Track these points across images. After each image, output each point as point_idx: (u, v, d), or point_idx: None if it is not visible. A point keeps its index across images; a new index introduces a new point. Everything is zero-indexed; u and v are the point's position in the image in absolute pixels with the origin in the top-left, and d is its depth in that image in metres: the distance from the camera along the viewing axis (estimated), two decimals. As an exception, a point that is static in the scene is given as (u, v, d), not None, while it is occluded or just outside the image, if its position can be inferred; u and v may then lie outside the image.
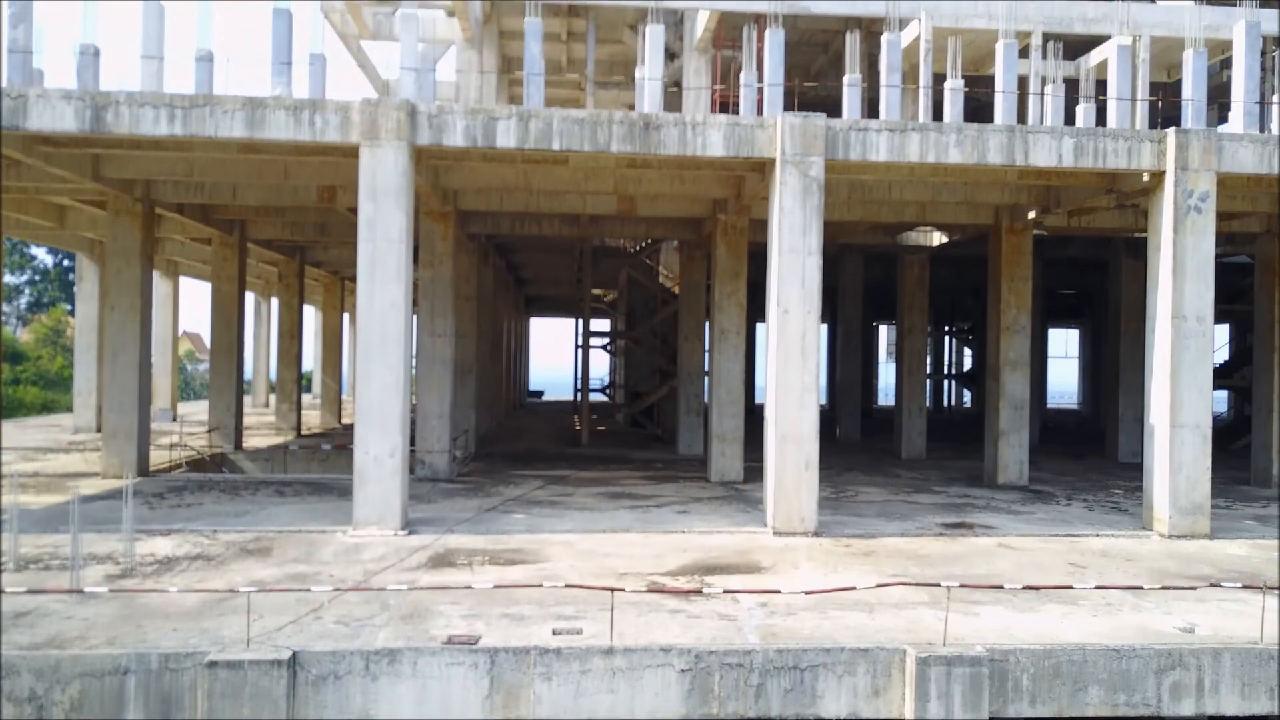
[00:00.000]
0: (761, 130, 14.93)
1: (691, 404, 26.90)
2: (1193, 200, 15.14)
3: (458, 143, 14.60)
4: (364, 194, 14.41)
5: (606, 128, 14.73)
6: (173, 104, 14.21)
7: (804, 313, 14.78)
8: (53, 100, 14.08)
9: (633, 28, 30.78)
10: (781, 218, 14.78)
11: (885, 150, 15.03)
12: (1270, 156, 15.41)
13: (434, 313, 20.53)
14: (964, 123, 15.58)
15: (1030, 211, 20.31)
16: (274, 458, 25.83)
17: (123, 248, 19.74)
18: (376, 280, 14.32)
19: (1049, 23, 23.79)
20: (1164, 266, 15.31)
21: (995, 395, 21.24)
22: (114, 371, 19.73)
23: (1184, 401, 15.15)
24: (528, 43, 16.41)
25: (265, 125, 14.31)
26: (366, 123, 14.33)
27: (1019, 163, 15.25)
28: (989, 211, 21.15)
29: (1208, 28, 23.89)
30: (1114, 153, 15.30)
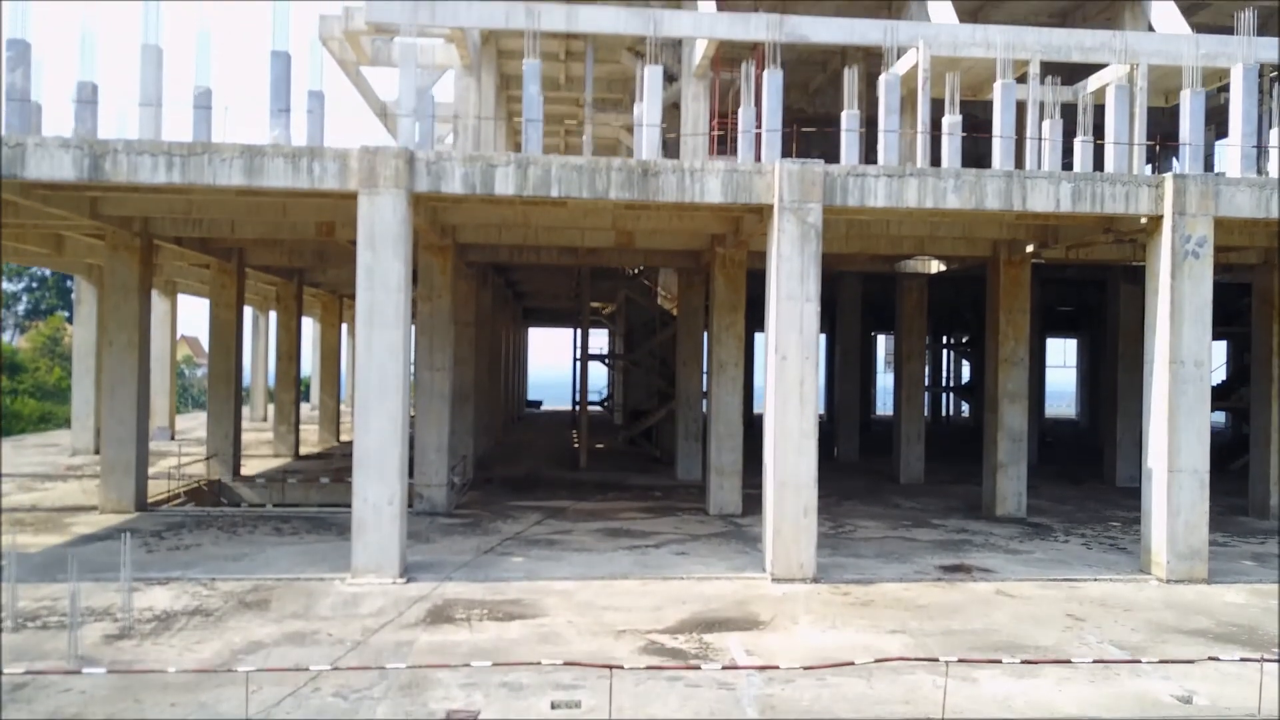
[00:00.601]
0: (759, 177, 14.94)
1: (690, 429, 26.92)
2: (1190, 245, 15.16)
3: (456, 190, 14.60)
4: (362, 242, 14.40)
5: (605, 174, 14.74)
6: (171, 152, 14.21)
7: (802, 359, 14.78)
8: (51, 149, 14.07)
9: (630, 49, 30.82)
10: (779, 264, 14.78)
11: (883, 196, 15.04)
12: (1268, 200, 15.43)
13: (432, 347, 20.52)
14: (962, 168, 15.59)
15: (1028, 246, 20.34)
16: (272, 485, 25.80)
17: (121, 282, 19.73)
18: (375, 328, 14.31)
19: (1046, 51, 23.76)
20: (1162, 311, 15.32)
21: (993, 427, 21.26)
22: (112, 406, 19.72)
23: (1182, 446, 15.17)
24: (526, 85, 16.41)
25: (264, 173, 14.31)
26: (365, 170, 14.33)
27: (1016, 208, 15.26)
28: (987, 245, 21.18)
29: (1204, 56, 23.89)
30: (1111, 197, 15.31)
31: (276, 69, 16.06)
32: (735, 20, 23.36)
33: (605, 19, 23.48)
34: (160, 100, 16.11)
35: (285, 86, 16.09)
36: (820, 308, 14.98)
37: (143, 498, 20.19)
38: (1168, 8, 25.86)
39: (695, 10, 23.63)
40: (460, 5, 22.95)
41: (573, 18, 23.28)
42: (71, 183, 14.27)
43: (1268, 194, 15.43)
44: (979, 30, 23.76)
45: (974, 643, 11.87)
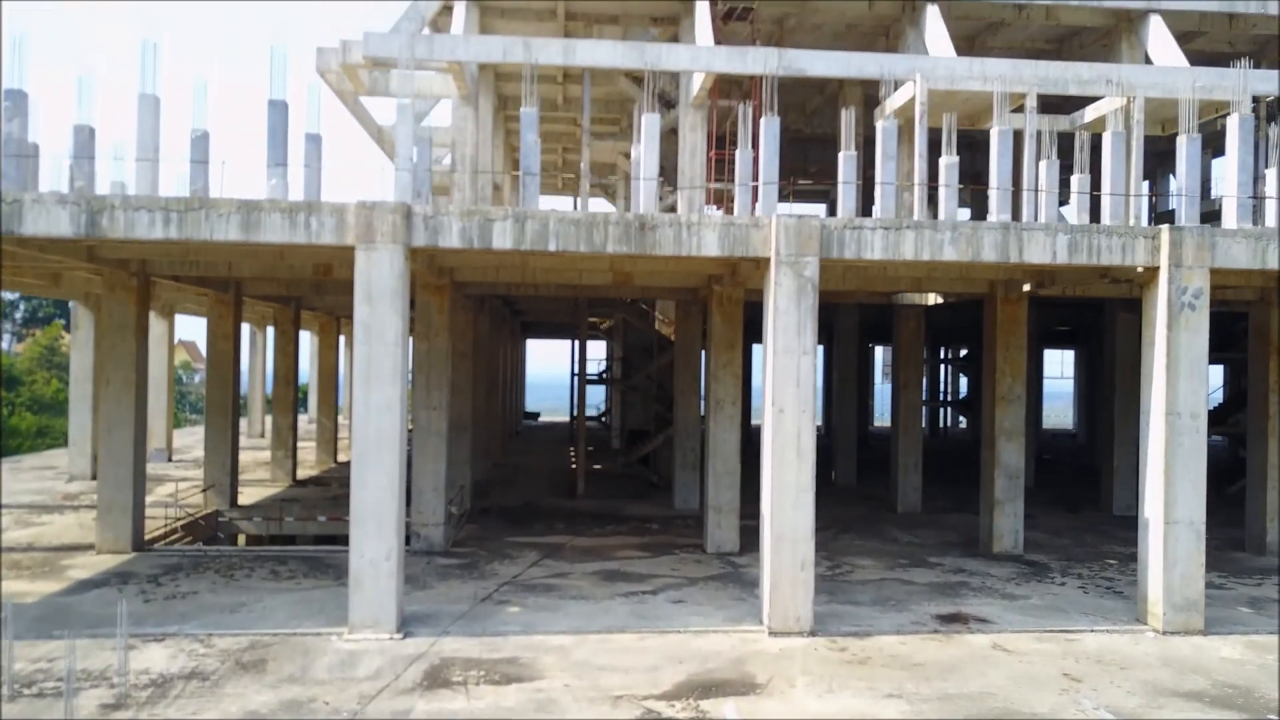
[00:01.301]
0: (756, 230, 14.96)
1: (687, 458, 26.94)
2: (1186, 297, 15.19)
3: (454, 244, 14.61)
4: (359, 297, 14.41)
5: (602, 229, 14.75)
6: (168, 208, 14.21)
7: (799, 412, 14.80)
8: (48, 205, 14.07)
9: (628, 75, 30.81)
10: (776, 318, 14.80)
11: (880, 249, 15.06)
12: (1263, 251, 15.47)
13: (429, 385, 20.52)
14: (958, 220, 15.62)
15: (1025, 285, 20.37)
16: (269, 516, 25.79)
17: (118, 322, 19.72)
18: (372, 384, 14.31)
19: (1043, 84, 23.77)
20: (1158, 363, 15.35)
21: (990, 465, 21.29)
22: (109, 447, 19.71)
23: (1178, 497, 15.20)
24: (524, 133, 16.42)
25: (261, 228, 14.32)
26: (362, 225, 14.33)
27: (1013, 260, 15.28)
28: (984, 283, 21.23)
29: (1201, 89, 23.95)
30: (1108, 249, 15.34)
31: (274, 118, 16.07)
32: (733, 54, 23.38)
33: (602, 53, 23.51)
34: (157, 148, 16.12)
35: (282, 135, 16.09)
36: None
37: (139, 537, 20.17)
38: (1164, 37, 25.92)
39: (693, 45, 23.65)
40: (458, 40, 22.99)
41: (570, 52, 23.30)
42: (69, 238, 14.26)
43: (1263, 244, 15.46)
44: (976, 64, 23.78)
45: (970, 709, 11.88)
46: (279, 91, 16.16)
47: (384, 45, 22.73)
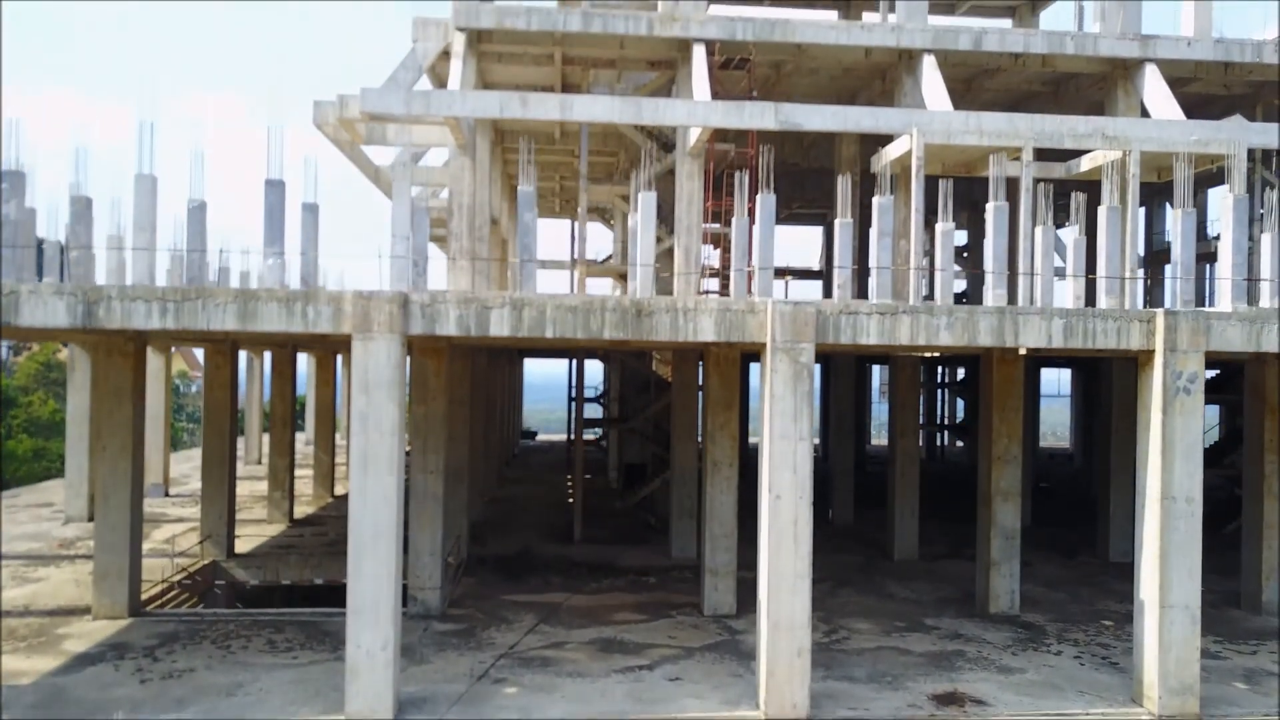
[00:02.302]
0: (752, 316, 14.99)
1: (684, 506, 26.95)
2: (1181, 382, 15.24)
3: (451, 332, 14.64)
4: (357, 386, 14.42)
5: (599, 315, 14.78)
6: (165, 298, 14.21)
7: (796, 498, 14.83)
8: (45, 297, 14.07)
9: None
10: (772, 403, 14.83)
11: (875, 334, 15.10)
12: (1258, 334, 15.52)
13: (426, 449, 20.54)
14: (954, 305, 15.63)
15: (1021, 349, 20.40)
16: (267, 565, 25.81)
17: (114, 387, 19.72)
18: (369, 474, 14.33)
19: (1039, 138, 23.85)
20: (1153, 446, 15.39)
21: (986, 525, 21.33)
22: (105, 513, 19.70)
23: (1173, 582, 15.24)
24: (521, 213, 16.45)
25: (258, 318, 14.33)
26: (359, 315, 14.35)
27: (1009, 344, 15.34)
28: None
29: (1197, 142, 24.07)
30: (1103, 333, 15.39)
31: (270, 198, 16.08)
32: (729, 109, 23.44)
33: (599, 109, 23.57)
34: (154, 226, 16.15)
35: (279, 215, 16.11)
36: (813, 451, 15.05)
37: (136, 601, 20.16)
38: (1159, 87, 26.01)
39: (689, 100, 23.69)
40: (454, 96, 23.02)
41: (567, 107, 23.34)
42: (65, 329, 14.27)
43: (1258, 327, 15.51)
44: (972, 118, 23.87)
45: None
46: (276, 170, 16.19)
47: (381, 102, 22.77)
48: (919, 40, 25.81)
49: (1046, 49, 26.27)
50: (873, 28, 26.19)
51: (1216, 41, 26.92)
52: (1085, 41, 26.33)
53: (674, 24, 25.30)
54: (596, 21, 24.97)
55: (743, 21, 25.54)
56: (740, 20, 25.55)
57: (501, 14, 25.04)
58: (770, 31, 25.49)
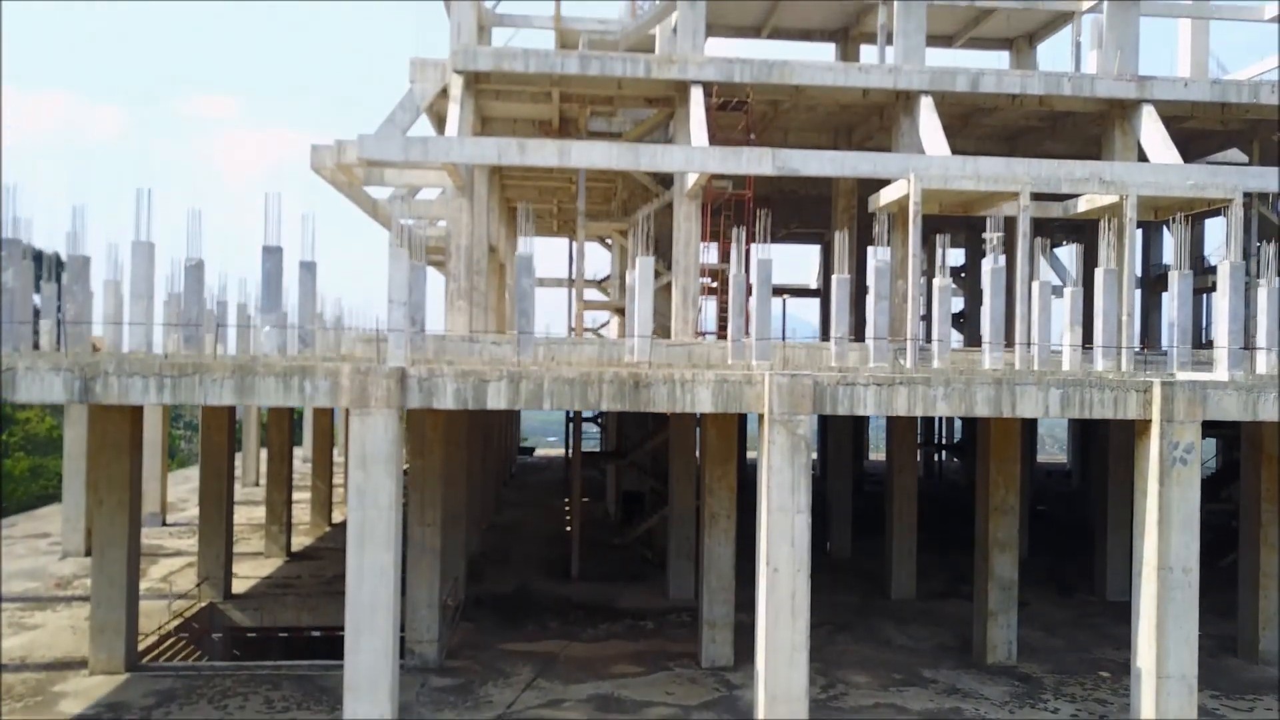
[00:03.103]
0: (749, 387, 15.00)
1: (682, 547, 26.94)
2: (1178, 452, 15.26)
3: (448, 405, 14.64)
4: (353, 461, 14.42)
5: (597, 387, 14.78)
6: (162, 372, 14.21)
7: (794, 571, 14.84)
8: (41, 372, 14.06)
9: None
10: (770, 475, 14.84)
11: (872, 404, 15.12)
12: (1254, 403, 15.55)
13: (424, 503, 20.54)
14: (951, 374, 15.64)
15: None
16: (264, 607, 25.80)
17: (112, 441, 19.70)
18: (366, 548, 14.33)
19: (1036, 183, 23.92)
20: (1150, 517, 15.42)
21: (984, 576, 21.35)
22: (102, 566, 19.67)
23: (1170, 652, 15.27)
24: (519, 278, 16.45)
25: (255, 392, 14.32)
26: (356, 391, 14.35)
27: (1006, 414, 15.37)
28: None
29: (1194, 187, 24.13)
30: (1100, 403, 15.41)
31: (268, 264, 16.08)
32: (727, 154, 23.49)
33: (597, 155, 23.60)
34: (151, 294, 16.15)
35: (277, 281, 16.12)
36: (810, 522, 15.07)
37: (133, 655, 20.13)
38: (1156, 128, 26.06)
39: (687, 146, 23.71)
40: (452, 142, 23.07)
41: (564, 153, 23.38)
42: (62, 404, 14.25)
43: (1254, 397, 15.54)
44: (969, 163, 23.96)
45: None
46: (273, 237, 16.17)
47: (379, 148, 22.81)
48: (916, 82, 25.85)
49: (1043, 90, 26.31)
50: (870, 69, 26.22)
51: (1213, 83, 26.98)
52: (1082, 83, 26.37)
53: (671, 66, 25.34)
54: (594, 64, 24.99)
55: (740, 63, 25.57)
56: (738, 62, 25.58)
57: (499, 57, 25.06)
58: (768, 73, 25.51)
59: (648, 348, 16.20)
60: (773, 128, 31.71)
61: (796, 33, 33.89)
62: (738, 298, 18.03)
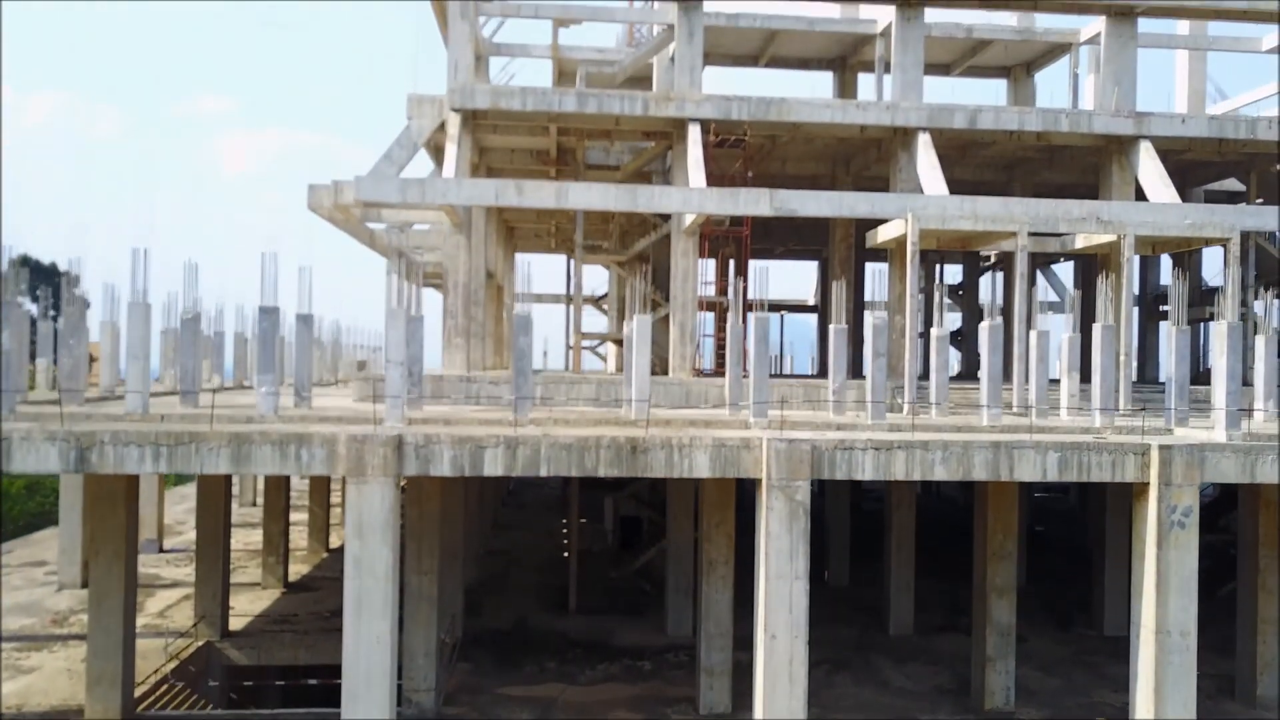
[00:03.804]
0: (747, 451, 14.98)
1: (680, 583, 26.91)
2: (1176, 515, 15.26)
3: (445, 473, 14.62)
4: (350, 530, 14.39)
5: (594, 452, 14.76)
6: (158, 442, 14.17)
7: (792, 638, 14.82)
8: (36, 443, 14.02)
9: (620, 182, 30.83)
10: (768, 542, 14.82)
11: (871, 469, 15.11)
12: (1252, 465, 15.55)
13: (421, 552, 20.50)
14: (948, 439, 15.62)
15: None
16: (261, 645, 25.75)
17: (108, 492, 19.62)
18: (363, 618, 14.30)
19: (1034, 222, 23.92)
20: (1148, 580, 15.42)
21: (982, 622, 21.34)
22: (98, 617, 19.62)
23: (1169, 716, 15.25)
24: (516, 337, 16.42)
25: (251, 460, 14.29)
26: (352, 459, 14.31)
27: (1004, 478, 15.36)
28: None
29: (1191, 226, 24.13)
30: (1098, 466, 15.41)
31: (264, 325, 16.06)
32: (725, 196, 23.48)
33: (594, 196, 23.61)
34: (148, 354, 16.11)
35: (273, 341, 16.09)
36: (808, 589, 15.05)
37: (129, 704, 20.08)
38: (1154, 165, 26.07)
39: (685, 187, 23.70)
40: (450, 184, 23.04)
41: (562, 195, 23.40)
42: (57, 474, 14.21)
43: (1252, 459, 15.54)
44: (967, 202, 23.95)
45: None
46: (269, 297, 16.15)
47: (375, 190, 22.79)
48: (914, 119, 25.86)
49: (1041, 126, 26.33)
50: (867, 106, 26.22)
51: (1211, 119, 27.00)
52: (1080, 119, 26.39)
53: (669, 104, 25.34)
54: (591, 102, 24.99)
55: (738, 101, 25.57)
56: (736, 100, 25.58)
57: (497, 95, 25.07)
58: (765, 111, 25.52)
59: (646, 409, 16.17)
60: (771, 158, 31.73)
61: (794, 61, 33.92)
62: (735, 347, 17.99)
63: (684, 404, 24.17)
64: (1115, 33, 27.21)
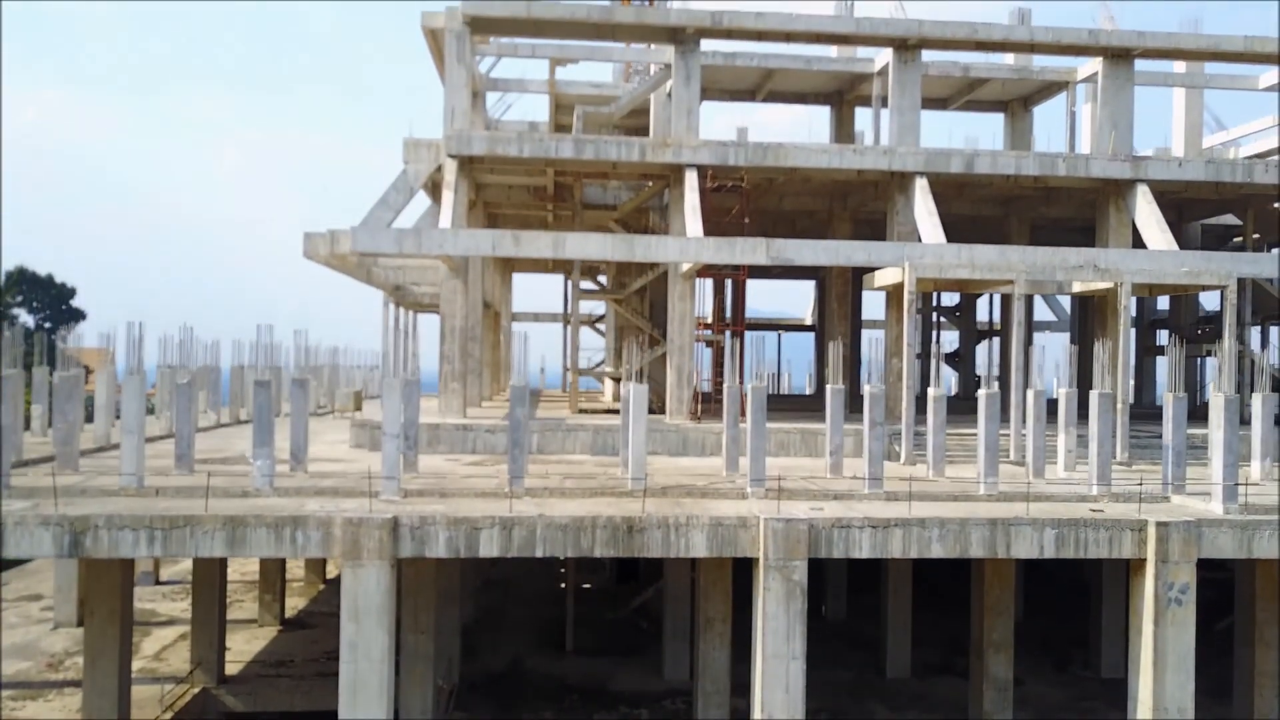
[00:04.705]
0: (744, 530, 14.95)
1: (678, 627, 26.84)
2: (1173, 593, 15.24)
3: (440, 554, 14.58)
4: (346, 614, 14.35)
5: (590, 532, 14.73)
6: (153, 525, 14.12)
7: (787, 717, 14.78)
8: (30, 527, 13.97)
9: (616, 220, 30.83)
10: (765, 622, 14.79)
11: (868, 547, 15.08)
12: (1249, 540, 15.53)
13: (417, 609, 20.46)
14: (945, 519, 15.58)
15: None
16: (258, 691, 25.68)
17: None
18: (359, 702, 14.25)
19: (1031, 270, 23.94)
20: (1145, 657, 15.41)
21: (979, 678, 21.32)
22: (94, 678, 19.60)
23: (1165, 793, 15.26)
24: (513, 409, 16.37)
25: (246, 544, 14.24)
26: (348, 542, 14.27)
27: (1001, 555, 15.34)
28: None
29: (1188, 273, 24.13)
30: (1095, 543, 15.39)
31: (260, 399, 16.01)
32: (721, 245, 23.46)
33: (592, 246, 23.59)
34: (142, 428, 16.05)
35: (269, 418, 16.03)
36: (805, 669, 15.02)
37: (125, 760, 20.06)
38: (1151, 210, 26.07)
39: (682, 238, 23.67)
40: (447, 234, 23.03)
41: (559, 245, 23.38)
42: (52, 558, 14.15)
43: (1249, 535, 15.53)
44: (964, 250, 23.94)
45: None
46: (265, 359, 16.10)
47: (372, 241, 22.77)
48: (911, 163, 25.86)
49: (1038, 170, 26.34)
50: (864, 151, 26.20)
51: (1208, 163, 26.99)
52: (1077, 163, 26.39)
53: (666, 150, 25.33)
54: (589, 148, 24.97)
55: (735, 147, 25.56)
56: (732, 145, 25.57)
57: (494, 141, 25.03)
58: (763, 156, 25.51)
59: (643, 482, 16.13)
60: (769, 194, 31.70)
61: (791, 96, 33.90)
62: (732, 410, 17.95)
63: (681, 451, 24.16)
64: (1112, 74, 27.21)
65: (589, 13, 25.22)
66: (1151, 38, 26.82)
